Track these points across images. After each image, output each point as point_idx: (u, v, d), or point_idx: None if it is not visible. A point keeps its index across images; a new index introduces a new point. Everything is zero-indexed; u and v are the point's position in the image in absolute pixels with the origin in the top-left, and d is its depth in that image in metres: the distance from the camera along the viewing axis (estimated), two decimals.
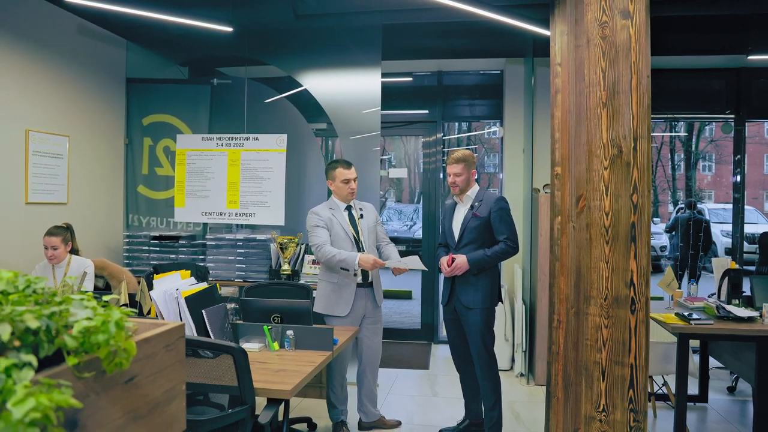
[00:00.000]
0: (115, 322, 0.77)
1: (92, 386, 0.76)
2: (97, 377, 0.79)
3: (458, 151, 3.49)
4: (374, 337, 3.61)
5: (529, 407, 4.14)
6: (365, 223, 3.63)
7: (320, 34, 4.82)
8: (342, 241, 3.50)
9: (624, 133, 2.03)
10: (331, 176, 3.59)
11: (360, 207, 3.68)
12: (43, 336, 0.71)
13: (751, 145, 21.45)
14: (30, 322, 0.68)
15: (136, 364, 0.88)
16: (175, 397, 1.03)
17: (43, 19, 4.09)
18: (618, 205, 2.04)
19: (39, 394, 0.62)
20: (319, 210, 3.58)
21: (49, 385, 0.67)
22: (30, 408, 0.60)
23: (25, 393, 0.61)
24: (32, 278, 0.77)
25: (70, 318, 0.75)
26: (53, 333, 0.73)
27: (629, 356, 2.03)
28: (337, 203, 3.61)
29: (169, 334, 1.00)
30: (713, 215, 12.37)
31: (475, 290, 3.37)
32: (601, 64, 2.09)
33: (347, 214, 3.60)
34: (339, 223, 3.53)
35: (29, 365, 0.66)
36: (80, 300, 0.78)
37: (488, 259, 3.34)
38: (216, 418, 2.02)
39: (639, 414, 2.03)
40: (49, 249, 3.71)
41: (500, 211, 3.36)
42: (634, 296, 2.02)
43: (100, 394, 0.79)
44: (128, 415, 0.88)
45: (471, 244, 3.38)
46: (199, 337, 2.51)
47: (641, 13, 2.02)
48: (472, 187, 3.48)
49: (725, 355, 3.97)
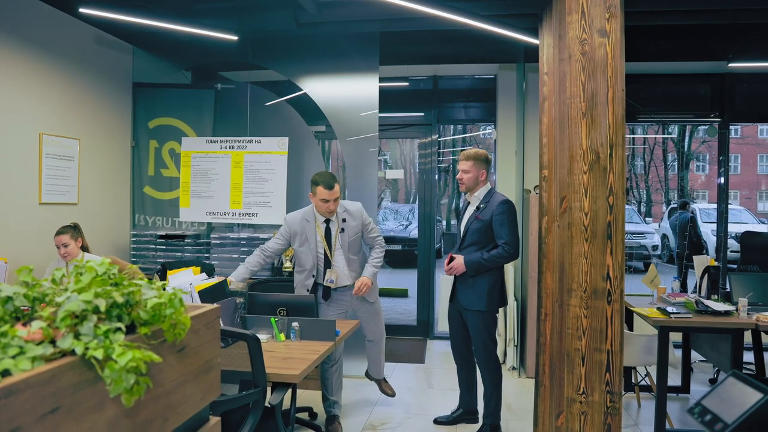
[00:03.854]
0: (178, 299, 0.97)
1: (157, 351, 0.96)
2: (160, 344, 0.99)
3: (471, 149, 3.56)
4: (372, 321, 3.76)
5: (520, 398, 4.35)
6: (346, 234, 3.60)
7: (320, 40, 5.02)
8: (304, 256, 3.57)
9: (601, 140, 2.24)
10: (312, 191, 3.51)
11: (344, 215, 3.62)
12: (124, 310, 0.91)
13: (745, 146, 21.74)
14: (117, 298, 0.88)
15: (186, 337, 1.08)
16: (212, 367, 1.23)
17: (55, 28, 4.27)
18: (596, 206, 2.26)
19: (133, 350, 0.82)
20: (291, 220, 3.62)
21: (131, 346, 0.87)
22: (129, 359, 0.80)
23: (122, 349, 0.81)
24: (109, 265, 0.96)
25: (143, 296, 0.95)
26: (129, 308, 0.92)
27: (606, 343, 2.25)
28: (316, 215, 3.59)
29: (208, 314, 1.20)
30: (705, 215, 12.58)
31: (473, 292, 3.46)
32: (581, 78, 2.29)
33: (324, 227, 3.58)
34: (308, 237, 3.56)
35: (120, 330, 0.86)
36: (148, 282, 0.98)
37: (484, 263, 3.37)
38: (233, 399, 2.22)
39: (615, 395, 2.24)
40: (61, 247, 3.89)
41: (501, 215, 3.37)
42: (610, 288, 2.23)
43: (163, 358, 0.99)
44: (180, 378, 1.08)
45: (473, 246, 3.45)
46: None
47: (617, 32, 2.22)
48: (481, 188, 3.51)
49: (705, 347, 4.20)
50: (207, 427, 1.23)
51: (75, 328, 0.83)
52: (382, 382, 3.99)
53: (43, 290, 0.91)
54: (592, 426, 2.31)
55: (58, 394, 0.77)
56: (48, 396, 0.75)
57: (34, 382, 0.72)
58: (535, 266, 4.58)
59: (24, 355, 0.74)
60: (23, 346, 0.75)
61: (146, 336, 0.95)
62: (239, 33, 4.40)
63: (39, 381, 0.73)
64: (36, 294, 0.89)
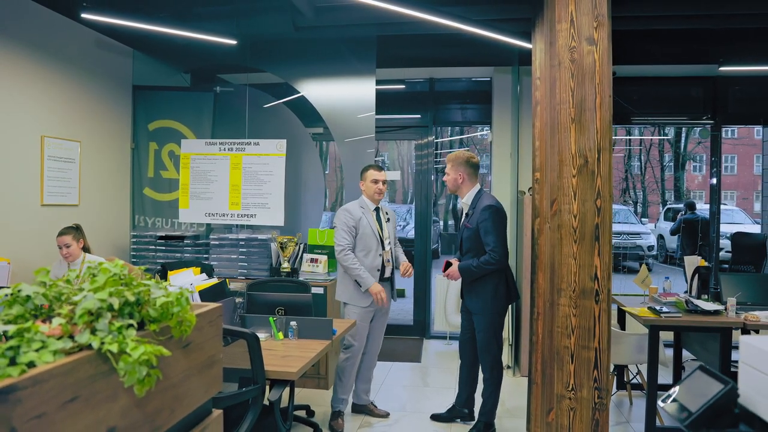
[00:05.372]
0: (185, 298, 1.04)
1: (165, 346, 1.03)
2: (167, 340, 1.06)
3: (453, 152, 3.72)
4: (381, 328, 3.91)
5: (514, 396, 4.43)
6: (391, 226, 3.90)
7: (318, 44, 5.09)
8: (369, 238, 3.74)
9: (589, 145, 2.32)
10: (364, 177, 3.85)
11: (386, 211, 3.93)
12: (134, 308, 0.98)
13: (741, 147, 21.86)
14: (129, 297, 0.95)
15: (191, 333, 1.15)
16: (215, 363, 1.31)
17: (57, 33, 4.34)
18: (584, 209, 2.33)
19: (145, 344, 0.89)
20: (351, 207, 3.81)
21: (142, 341, 0.94)
22: (141, 352, 0.88)
23: (135, 344, 0.89)
24: (120, 267, 1.04)
25: (151, 295, 1.02)
26: (139, 306, 1.00)
27: (594, 341, 2.32)
28: (367, 203, 3.84)
29: (211, 312, 1.28)
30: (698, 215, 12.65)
31: (476, 296, 3.54)
32: (570, 85, 2.37)
33: (375, 215, 3.83)
34: (368, 223, 3.76)
35: (132, 326, 0.93)
36: (156, 283, 1.05)
37: (474, 270, 3.43)
38: (234, 395, 2.29)
39: (602, 391, 2.32)
40: (63, 248, 3.95)
41: (485, 222, 3.41)
42: (597, 288, 2.30)
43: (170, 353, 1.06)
44: (186, 372, 1.15)
45: (470, 252, 3.55)
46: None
47: (604, 40, 2.30)
48: (468, 191, 3.61)
49: (695, 345, 4.28)
50: (210, 419, 1.30)
51: (91, 324, 0.90)
52: (371, 405, 4.02)
53: (59, 289, 0.98)
54: (580, 421, 2.38)
55: (77, 384, 0.84)
56: (68, 386, 0.82)
57: (56, 372, 0.79)
58: (529, 267, 4.65)
59: (46, 348, 0.82)
60: (45, 341, 0.83)
61: (155, 332, 1.02)
62: (238, 37, 4.47)
63: (61, 372, 0.81)
64: (53, 293, 0.96)
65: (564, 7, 2.40)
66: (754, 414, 1.02)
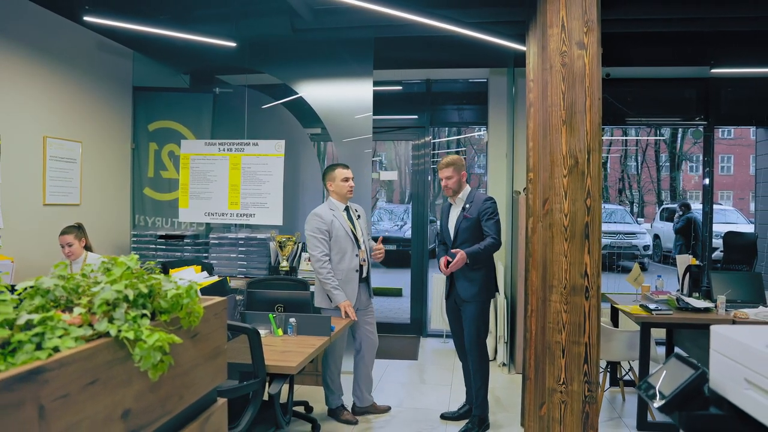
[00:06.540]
0: (194, 291, 1.11)
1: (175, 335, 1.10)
2: (177, 330, 1.13)
3: (447, 157, 3.80)
4: (370, 327, 3.94)
5: (509, 392, 4.51)
6: (363, 222, 3.93)
7: (316, 46, 5.16)
8: (343, 241, 3.75)
9: (580, 146, 2.39)
10: (331, 177, 3.83)
11: (355, 209, 3.95)
12: (147, 299, 1.05)
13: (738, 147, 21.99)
14: (143, 288, 1.02)
15: (198, 324, 1.23)
16: (220, 353, 1.38)
17: (59, 35, 4.40)
18: (575, 208, 2.41)
19: (159, 332, 0.97)
20: (321, 212, 3.78)
21: (155, 330, 1.01)
22: (156, 339, 0.95)
23: (149, 332, 0.96)
24: (133, 261, 1.11)
25: (163, 288, 1.09)
26: (151, 298, 1.07)
27: (584, 336, 2.40)
28: (336, 204, 3.84)
29: (217, 305, 1.35)
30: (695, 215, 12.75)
31: (471, 284, 3.66)
32: (561, 88, 2.45)
33: (346, 214, 3.85)
34: (341, 224, 3.78)
35: (146, 316, 1.01)
36: (165, 276, 1.12)
37: (482, 252, 3.61)
38: (235, 388, 2.36)
39: (592, 385, 2.40)
40: (65, 247, 4.02)
41: (487, 210, 3.65)
42: (587, 285, 2.38)
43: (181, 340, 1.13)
44: (194, 361, 1.23)
45: (465, 243, 3.68)
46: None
47: (594, 45, 2.38)
48: (463, 189, 3.79)
49: (686, 342, 4.36)
50: (215, 406, 1.37)
51: (109, 314, 0.97)
52: (375, 405, 4.04)
53: (77, 282, 1.06)
54: (571, 414, 2.46)
55: (96, 368, 0.91)
56: (89, 370, 0.89)
57: (79, 357, 0.86)
58: (523, 265, 4.73)
59: (68, 335, 0.88)
60: (67, 328, 0.89)
61: (165, 322, 1.09)
62: (237, 39, 4.54)
63: (82, 356, 0.88)
64: (71, 285, 1.03)
65: (555, 12, 2.47)
66: (723, 397, 1.09)
